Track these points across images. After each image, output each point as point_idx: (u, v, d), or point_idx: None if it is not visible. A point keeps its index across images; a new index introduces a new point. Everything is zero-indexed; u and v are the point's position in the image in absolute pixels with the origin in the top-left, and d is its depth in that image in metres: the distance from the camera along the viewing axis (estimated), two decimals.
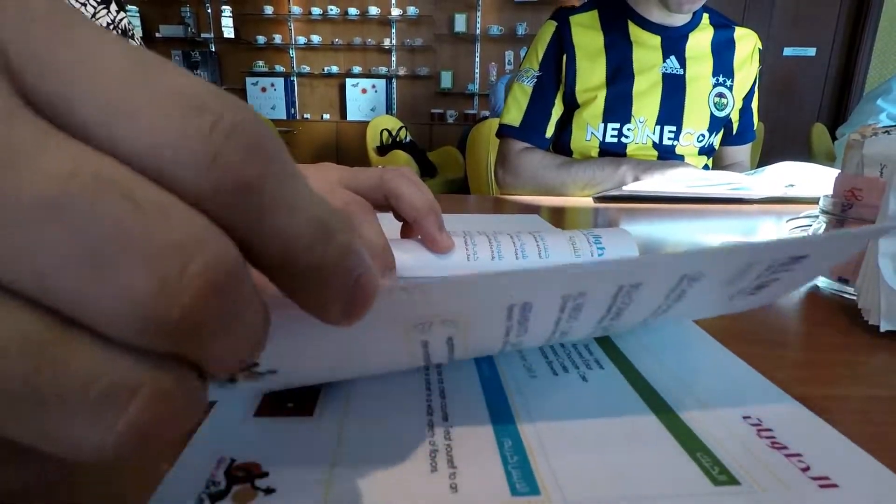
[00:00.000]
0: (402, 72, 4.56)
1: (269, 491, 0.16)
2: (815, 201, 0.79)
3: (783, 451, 0.19)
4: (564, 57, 1.12)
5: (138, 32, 0.63)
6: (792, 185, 0.78)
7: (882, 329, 0.29)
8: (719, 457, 0.19)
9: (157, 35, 4.47)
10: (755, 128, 1.23)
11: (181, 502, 0.16)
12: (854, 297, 0.31)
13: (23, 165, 0.09)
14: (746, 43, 1.15)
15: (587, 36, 1.12)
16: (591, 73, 1.11)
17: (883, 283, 0.28)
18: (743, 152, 1.25)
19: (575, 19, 1.13)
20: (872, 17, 3.84)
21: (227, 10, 4.41)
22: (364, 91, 4.57)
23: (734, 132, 1.21)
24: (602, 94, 1.10)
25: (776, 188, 0.77)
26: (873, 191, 0.32)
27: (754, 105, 1.20)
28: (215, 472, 0.17)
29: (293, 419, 0.20)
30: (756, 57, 1.16)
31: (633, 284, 0.18)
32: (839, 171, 0.36)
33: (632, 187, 0.83)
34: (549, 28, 1.14)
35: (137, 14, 4.41)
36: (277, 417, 0.20)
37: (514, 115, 1.16)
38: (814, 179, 0.79)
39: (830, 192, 0.36)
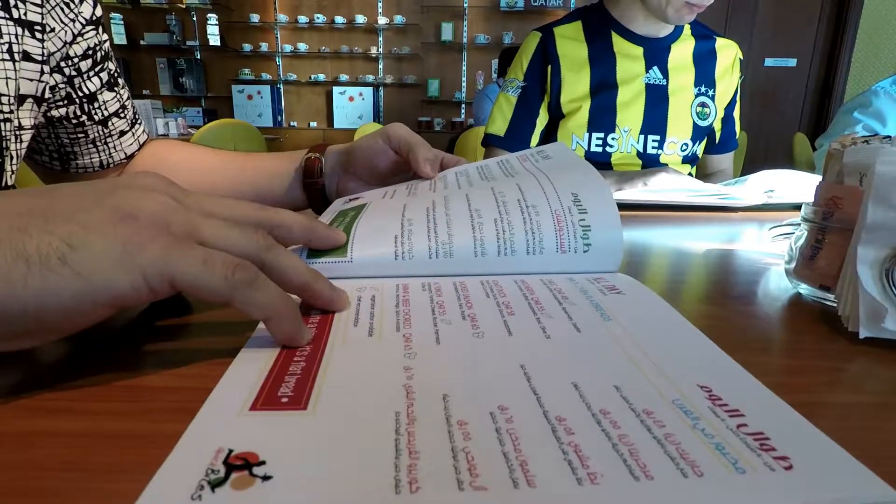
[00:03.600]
0: (389, 80, 4.57)
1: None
2: (797, 207, 0.80)
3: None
4: (549, 68, 1.13)
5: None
6: (772, 191, 0.79)
7: (861, 336, 0.29)
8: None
9: (142, 43, 4.44)
10: (737, 136, 1.25)
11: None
12: (835, 305, 0.32)
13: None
14: (727, 53, 1.17)
15: (571, 47, 1.13)
16: (575, 83, 1.12)
17: (862, 291, 0.29)
18: (726, 160, 1.26)
19: (559, 31, 1.14)
20: (851, 29, 3.92)
21: (212, 18, 4.39)
22: (351, 99, 4.57)
23: (717, 141, 1.22)
24: (587, 105, 1.11)
25: (758, 196, 0.78)
26: (853, 199, 0.32)
27: (736, 114, 1.22)
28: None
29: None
30: (737, 67, 1.18)
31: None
32: (816, 176, 0.36)
33: (616, 196, 0.84)
34: (534, 39, 1.15)
35: (122, 22, 4.38)
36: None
37: (499, 124, 1.17)
38: (793, 185, 0.80)
39: (812, 200, 0.37)
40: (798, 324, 0.34)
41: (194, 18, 4.50)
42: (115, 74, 0.61)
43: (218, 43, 4.44)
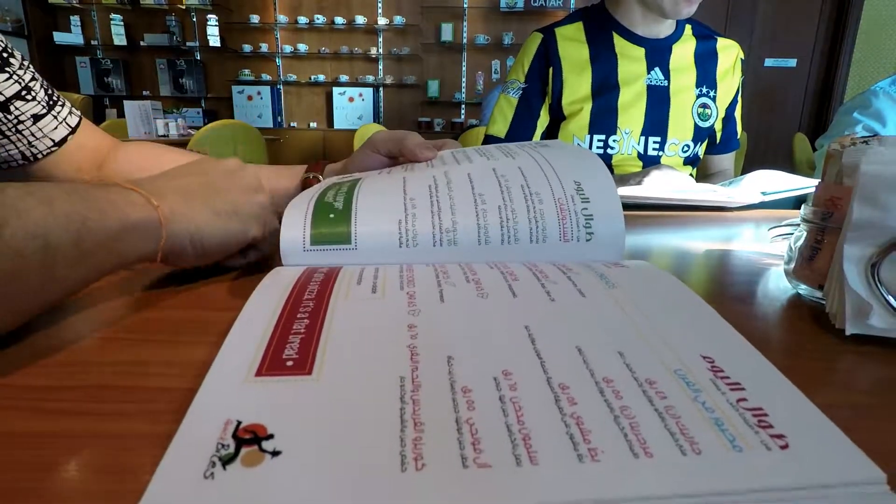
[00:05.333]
0: (389, 80, 4.57)
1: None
2: (795, 206, 0.80)
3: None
4: (551, 70, 1.13)
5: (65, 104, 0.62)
6: (765, 192, 0.79)
7: (848, 332, 0.30)
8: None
9: (142, 44, 4.44)
10: (738, 136, 1.25)
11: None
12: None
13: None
14: (729, 54, 1.17)
15: (573, 48, 1.13)
16: (577, 85, 1.12)
17: (848, 288, 0.29)
18: (727, 160, 1.26)
19: (560, 32, 1.14)
20: (850, 29, 3.92)
21: (212, 19, 4.39)
22: (351, 100, 4.57)
23: (718, 141, 1.22)
24: (588, 106, 1.11)
25: (753, 196, 0.78)
26: None
27: (737, 114, 1.22)
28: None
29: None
30: (738, 67, 1.18)
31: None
32: (806, 178, 0.36)
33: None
34: (535, 40, 1.15)
35: (121, 22, 4.38)
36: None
37: (499, 126, 1.17)
38: (786, 186, 0.81)
39: (811, 200, 0.37)
40: (797, 324, 0.34)
41: (194, 19, 4.50)
42: (4, 55, 0.55)
43: (218, 44, 4.44)
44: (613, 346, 0.23)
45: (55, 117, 0.59)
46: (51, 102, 0.59)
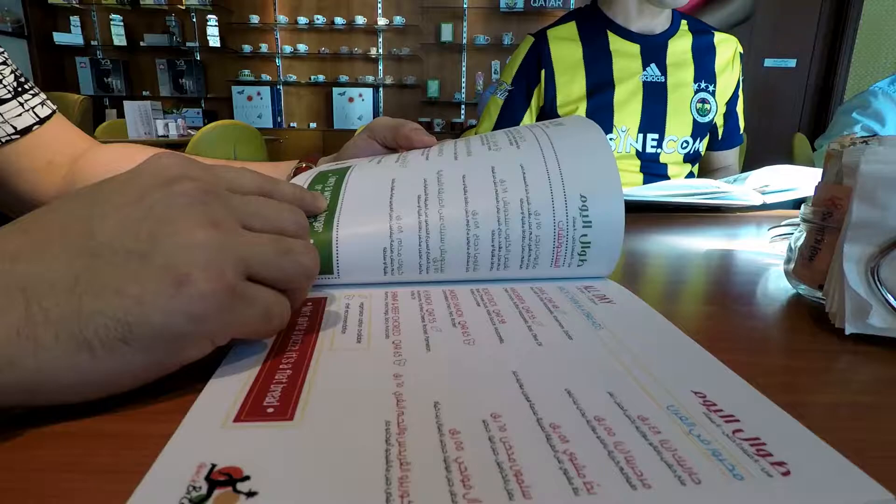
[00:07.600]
0: (389, 81, 4.57)
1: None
2: (795, 206, 0.80)
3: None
4: (543, 73, 1.13)
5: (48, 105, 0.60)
6: (766, 186, 0.79)
7: (847, 332, 0.30)
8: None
9: (142, 44, 4.44)
10: (741, 132, 1.24)
11: None
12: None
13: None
14: (727, 48, 1.17)
15: (565, 49, 1.13)
16: (570, 86, 1.12)
17: (848, 288, 0.29)
18: (731, 156, 1.26)
19: (552, 33, 1.14)
20: (850, 29, 3.92)
21: (212, 20, 4.39)
22: (351, 100, 4.57)
23: (720, 137, 1.22)
24: (583, 106, 1.11)
25: (755, 196, 0.77)
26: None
27: (739, 109, 1.22)
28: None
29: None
30: (737, 61, 1.18)
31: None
32: (808, 168, 0.36)
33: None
34: (526, 44, 1.16)
35: (121, 23, 4.38)
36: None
37: (485, 126, 1.19)
38: (785, 177, 0.80)
39: (811, 200, 0.37)
40: (797, 324, 0.34)
41: (194, 20, 4.50)
42: None
43: (218, 44, 4.44)
44: (603, 387, 0.23)
45: (21, 104, 0.57)
46: (19, 89, 0.57)
